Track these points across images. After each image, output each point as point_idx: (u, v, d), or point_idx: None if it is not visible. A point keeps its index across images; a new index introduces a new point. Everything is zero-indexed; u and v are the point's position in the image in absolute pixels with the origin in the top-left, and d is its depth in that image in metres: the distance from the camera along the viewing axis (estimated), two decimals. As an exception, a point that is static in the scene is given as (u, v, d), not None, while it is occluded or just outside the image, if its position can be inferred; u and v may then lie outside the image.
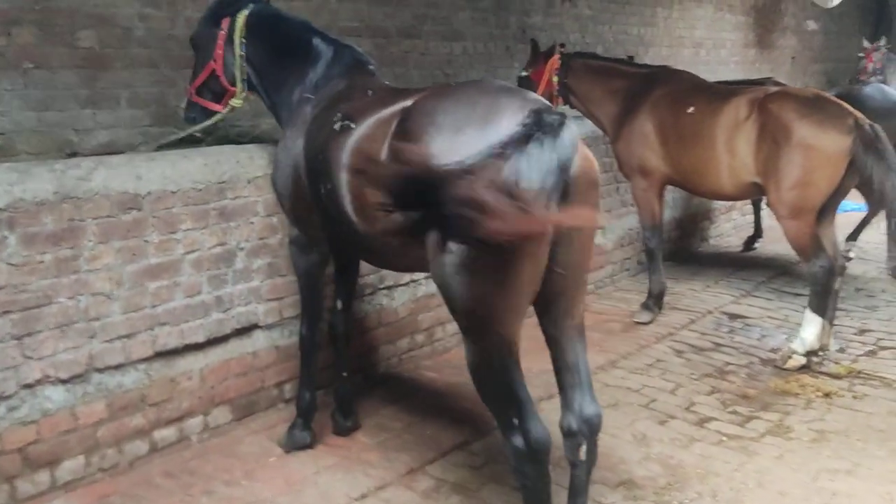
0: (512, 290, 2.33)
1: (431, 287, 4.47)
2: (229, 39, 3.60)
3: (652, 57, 8.21)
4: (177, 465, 3.53)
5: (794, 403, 4.11)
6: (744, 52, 10.37)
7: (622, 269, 6.42)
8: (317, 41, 3.48)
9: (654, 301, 5.44)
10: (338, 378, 3.77)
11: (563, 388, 2.65)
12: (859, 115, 4.40)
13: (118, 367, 3.42)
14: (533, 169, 2.21)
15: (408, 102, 2.71)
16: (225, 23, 3.62)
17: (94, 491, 3.32)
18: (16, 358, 3.09)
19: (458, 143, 2.36)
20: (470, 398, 3.70)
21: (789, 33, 11.36)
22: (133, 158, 3.50)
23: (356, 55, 3.48)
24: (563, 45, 5.68)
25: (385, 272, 4.43)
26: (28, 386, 3.15)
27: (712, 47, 9.75)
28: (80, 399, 3.32)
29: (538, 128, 2.28)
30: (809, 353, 4.55)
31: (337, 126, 3.01)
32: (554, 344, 2.63)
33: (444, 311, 3.18)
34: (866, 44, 9.73)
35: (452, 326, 4.56)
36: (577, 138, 2.40)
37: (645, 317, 5.37)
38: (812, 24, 9.67)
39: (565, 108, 5.82)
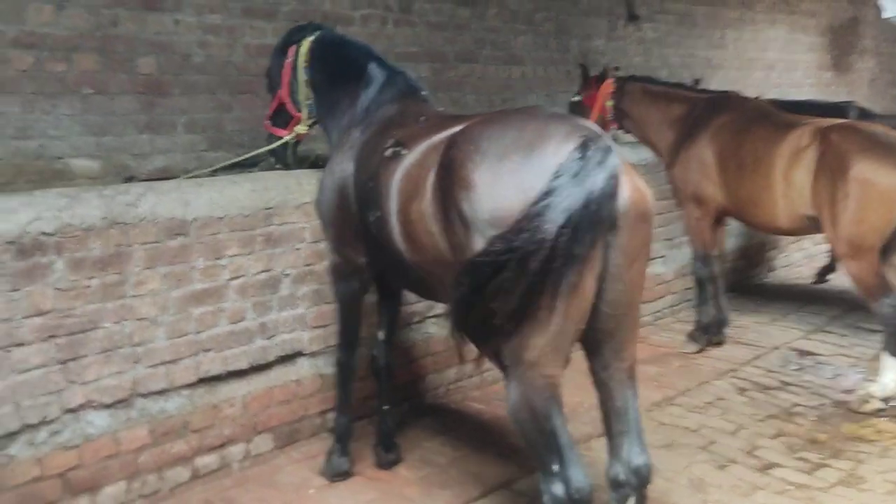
0: (553, 329, 2.21)
1: (481, 317, 4.35)
2: (294, 66, 3.68)
3: (720, 80, 7.97)
4: (216, 493, 3.50)
5: (869, 451, 3.82)
6: (818, 74, 10.00)
7: (683, 300, 6.17)
8: (371, 66, 3.47)
9: (702, 331, 5.26)
10: (379, 411, 3.68)
11: (611, 434, 2.50)
12: None
13: (161, 392, 3.41)
14: (562, 203, 2.13)
15: (457, 129, 2.63)
16: (291, 51, 3.72)
17: (134, 517, 3.31)
18: (59, 383, 3.10)
19: (501, 170, 2.28)
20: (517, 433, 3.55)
21: (868, 56, 10.91)
22: (182, 184, 3.51)
23: (409, 81, 3.44)
24: (616, 69, 5.54)
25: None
26: (71, 410, 3.16)
27: (785, 70, 9.42)
28: (123, 424, 3.31)
29: (581, 158, 2.18)
30: (888, 399, 4.25)
31: (388, 152, 2.96)
32: (602, 387, 2.48)
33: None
34: None
35: (503, 357, 4.43)
36: (622, 169, 2.28)
37: (691, 347, 5.21)
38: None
39: (618, 133, 5.67)
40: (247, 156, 4.02)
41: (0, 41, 3.94)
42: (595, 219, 2.15)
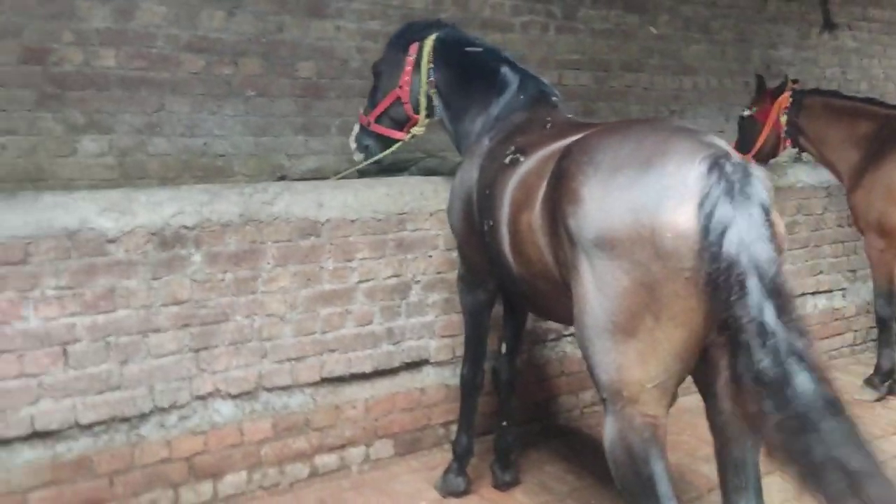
0: (658, 363, 1.97)
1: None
2: (417, 65, 3.54)
3: (929, 96, 7.08)
4: (333, 493, 3.51)
5: None
6: None
7: (866, 339, 5.50)
8: (504, 70, 3.31)
9: (882, 378, 4.63)
10: (498, 427, 3.53)
11: (725, 490, 2.20)
12: None
13: (285, 388, 3.48)
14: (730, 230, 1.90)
15: (576, 137, 2.45)
16: (413, 48, 3.56)
17: (252, 508, 3.39)
18: (191, 370, 3.24)
19: (612, 185, 2.07)
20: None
21: None
22: (318, 186, 3.57)
23: (541, 86, 3.27)
24: (795, 81, 5.02)
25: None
26: (200, 398, 3.29)
27: None
28: (248, 416, 3.41)
29: (723, 181, 1.93)
30: None
31: (507, 160, 2.82)
32: (718, 433, 2.20)
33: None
34: None
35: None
36: (770, 192, 2.01)
37: (867, 395, 4.58)
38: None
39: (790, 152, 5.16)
40: (368, 161, 3.88)
41: (175, 45, 4.21)
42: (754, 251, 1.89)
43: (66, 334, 2.94)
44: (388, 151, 3.75)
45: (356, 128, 3.85)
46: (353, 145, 3.83)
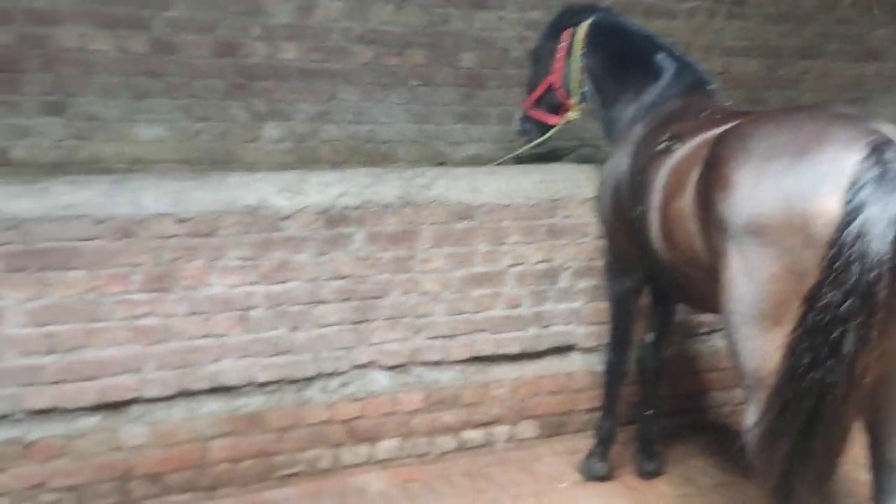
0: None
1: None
2: (569, 51, 3.60)
3: None
4: (477, 467, 3.65)
5: None
6: None
7: None
8: (660, 57, 3.28)
9: None
10: (642, 417, 3.53)
11: (878, 493, 2.12)
12: None
13: (437, 363, 3.66)
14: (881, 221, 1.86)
15: (732, 125, 2.42)
16: (566, 34, 3.62)
17: (402, 473, 3.59)
18: (350, 340, 3.49)
19: (765, 172, 2.05)
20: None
21: None
22: (473, 172, 3.71)
23: (697, 74, 3.21)
24: None
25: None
26: (359, 367, 3.53)
27: None
28: (401, 387, 3.62)
29: (878, 166, 1.87)
30: None
31: (661, 146, 2.82)
32: (871, 430, 2.12)
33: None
34: None
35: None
36: None
37: None
38: None
39: None
40: (528, 146, 3.99)
41: (347, 37, 4.49)
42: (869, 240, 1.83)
43: (245, 301, 3.27)
44: (544, 137, 3.84)
45: (517, 113, 3.97)
46: (517, 130, 3.98)
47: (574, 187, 3.78)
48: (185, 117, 4.12)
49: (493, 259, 3.67)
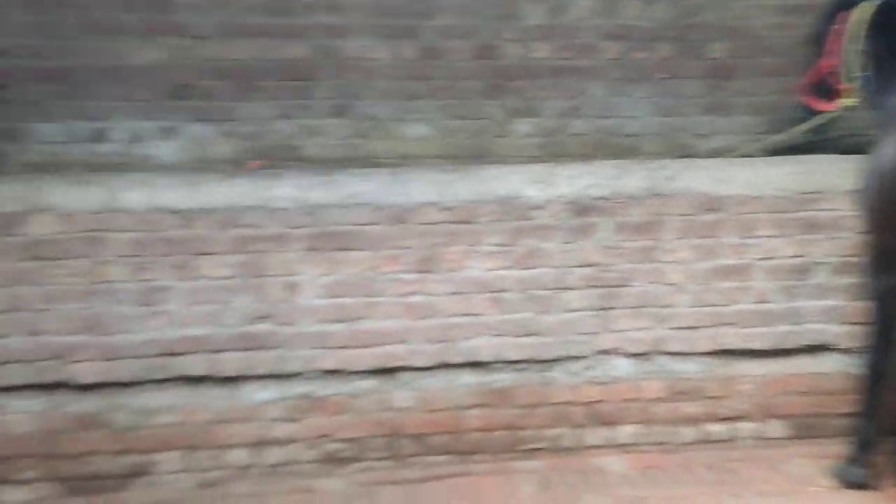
0: None
1: None
2: (846, 34, 3.45)
3: None
4: (719, 460, 3.63)
5: None
6: None
7: None
8: None
9: None
10: (905, 423, 3.32)
11: None
12: None
13: (680, 354, 3.69)
14: None
15: None
16: (841, 16, 3.48)
17: (643, 459, 3.66)
18: (594, 326, 3.64)
19: None
20: None
21: None
22: (718, 163, 3.70)
23: None
24: None
25: None
26: (602, 352, 3.67)
27: None
28: (643, 375, 3.70)
29: None
30: None
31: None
32: None
33: None
34: None
35: None
36: None
37: None
38: None
39: None
40: (792, 132, 3.87)
41: (596, 34, 4.62)
42: None
43: (499, 283, 3.55)
44: (814, 122, 3.77)
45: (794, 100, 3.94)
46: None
47: (833, 179, 3.63)
48: (446, 116, 4.51)
49: (740, 252, 3.64)
